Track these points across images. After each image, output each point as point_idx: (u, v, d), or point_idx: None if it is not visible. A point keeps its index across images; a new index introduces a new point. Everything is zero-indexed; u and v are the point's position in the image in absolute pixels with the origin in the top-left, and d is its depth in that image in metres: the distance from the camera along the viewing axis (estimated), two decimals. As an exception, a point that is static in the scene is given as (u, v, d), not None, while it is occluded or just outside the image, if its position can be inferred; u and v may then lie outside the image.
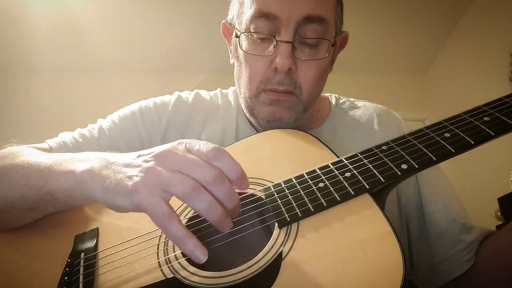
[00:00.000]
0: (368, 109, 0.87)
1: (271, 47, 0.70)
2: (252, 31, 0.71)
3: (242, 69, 0.75)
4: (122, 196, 0.46)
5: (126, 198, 0.45)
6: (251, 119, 0.79)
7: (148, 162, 0.47)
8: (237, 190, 0.48)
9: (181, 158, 0.46)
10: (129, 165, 0.48)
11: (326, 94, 0.92)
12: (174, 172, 0.45)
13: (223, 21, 0.82)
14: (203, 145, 0.47)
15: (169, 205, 0.44)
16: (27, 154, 0.63)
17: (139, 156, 0.49)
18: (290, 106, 0.73)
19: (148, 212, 0.44)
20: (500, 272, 0.64)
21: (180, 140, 0.49)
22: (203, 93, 0.91)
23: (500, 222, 2.36)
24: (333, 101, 0.89)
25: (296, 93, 0.72)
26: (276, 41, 0.69)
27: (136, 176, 0.45)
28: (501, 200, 2.19)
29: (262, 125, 0.76)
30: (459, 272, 0.68)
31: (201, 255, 0.43)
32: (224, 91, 0.92)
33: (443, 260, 0.70)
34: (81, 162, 0.54)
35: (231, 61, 0.82)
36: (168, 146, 0.48)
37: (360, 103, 0.90)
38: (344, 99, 0.91)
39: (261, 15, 0.69)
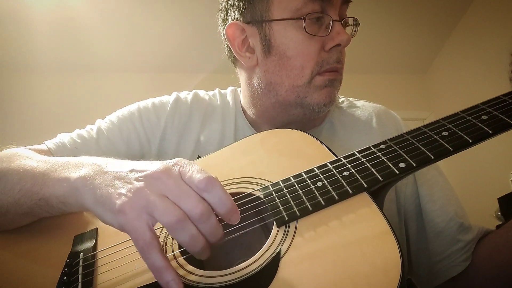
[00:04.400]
0: (366, 109, 0.87)
1: (323, 28, 0.73)
2: (306, 14, 0.71)
3: (285, 60, 0.74)
4: (109, 213, 0.46)
5: (112, 216, 0.46)
6: (297, 111, 0.77)
7: (139, 181, 0.46)
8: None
9: (171, 184, 0.45)
10: (121, 179, 0.48)
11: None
12: (162, 198, 0.44)
13: (231, 22, 0.78)
14: (195, 173, 0.47)
15: (152, 232, 0.44)
16: (23, 157, 0.63)
17: (132, 170, 0.49)
18: (338, 84, 0.77)
19: (130, 236, 0.44)
20: (496, 271, 0.64)
21: (176, 161, 0.49)
22: (202, 93, 0.90)
23: (500, 222, 2.36)
24: None
25: (341, 71, 0.76)
26: (332, 20, 0.71)
27: (125, 195, 0.45)
28: (501, 200, 2.18)
29: (317, 112, 0.76)
30: (457, 272, 0.68)
31: None
32: (222, 91, 0.92)
33: (441, 259, 0.71)
34: (75, 168, 0.54)
35: (248, 61, 0.79)
36: (162, 168, 0.47)
37: (359, 102, 0.90)
38: (343, 99, 0.91)
39: None
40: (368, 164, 0.54)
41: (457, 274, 0.68)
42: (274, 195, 0.55)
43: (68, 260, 0.55)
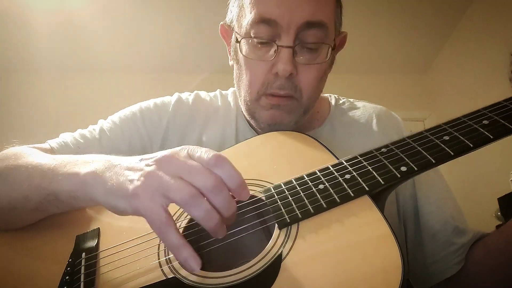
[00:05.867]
0: (367, 110, 0.87)
1: (272, 52, 0.70)
2: (252, 36, 0.71)
3: (242, 73, 0.75)
4: (122, 199, 0.46)
5: (126, 202, 0.46)
6: (252, 122, 0.79)
7: (149, 166, 0.47)
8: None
9: (182, 163, 0.46)
10: (131, 169, 0.48)
11: (326, 95, 0.92)
12: (174, 177, 0.45)
13: (222, 22, 0.82)
14: (204, 152, 0.48)
15: (167, 212, 0.44)
16: (30, 155, 0.63)
17: (141, 160, 0.49)
18: (291, 110, 0.73)
19: (146, 218, 0.44)
20: (489, 275, 0.65)
21: (182, 146, 0.50)
22: (203, 94, 0.91)
23: (500, 222, 2.36)
24: (333, 102, 0.89)
25: (297, 97, 0.72)
26: (277, 46, 0.69)
27: (137, 180, 0.46)
28: (501, 200, 2.19)
29: (262, 128, 0.76)
30: (450, 274, 0.69)
31: (194, 265, 0.43)
32: (223, 92, 0.93)
33: (435, 261, 0.71)
34: (85, 164, 0.54)
35: (230, 63, 0.83)
36: (170, 151, 0.48)
37: (359, 103, 0.90)
38: (344, 100, 0.91)
39: (261, 20, 0.69)
40: (369, 167, 0.55)
41: (452, 276, 0.69)
42: (276, 197, 0.55)
43: (70, 260, 0.55)
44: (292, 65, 0.69)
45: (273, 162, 0.64)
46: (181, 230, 0.56)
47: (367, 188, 0.52)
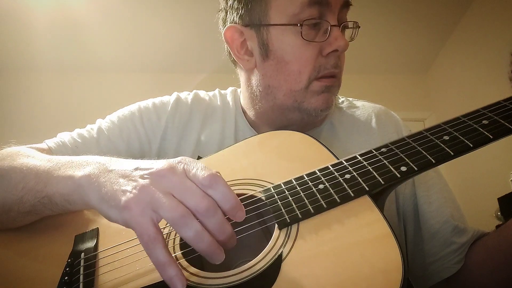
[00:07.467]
0: (366, 109, 0.87)
1: (321, 33, 0.72)
2: (304, 19, 0.71)
3: (283, 64, 0.74)
4: (114, 209, 0.46)
5: (117, 212, 0.46)
6: (294, 115, 0.77)
7: (144, 179, 0.47)
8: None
9: (176, 182, 0.46)
10: (126, 177, 0.48)
11: (325, 94, 0.92)
12: (167, 195, 0.45)
13: (230, 25, 0.78)
14: (200, 170, 0.47)
15: (157, 228, 0.44)
16: (26, 156, 0.63)
17: (137, 168, 0.49)
18: (335, 91, 0.77)
19: (135, 231, 0.44)
20: (488, 275, 0.65)
21: (180, 159, 0.49)
22: (202, 93, 0.90)
23: (500, 222, 2.36)
24: None
25: (339, 76, 0.76)
26: (330, 25, 0.71)
27: (130, 192, 0.45)
28: (501, 200, 2.19)
29: (311, 116, 0.76)
30: (450, 273, 0.69)
31: (179, 285, 0.43)
32: (222, 91, 0.92)
33: (434, 260, 0.71)
34: (79, 167, 0.54)
35: (249, 64, 0.79)
36: (167, 165, 0.48)
37: (358, 103, 0.90)
38: (343, 99, 0.91)
39: (314, 2, 0.70)
40: (369, 167, 0.55)
41: (451, 276, 0.69)
42: (276, 197, 0.55)
43: (69, 260, 0.55)
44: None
45: (273, 161, 0.64)
46: (177, 239, 0.56)
47: (367, 188, 0.52)
